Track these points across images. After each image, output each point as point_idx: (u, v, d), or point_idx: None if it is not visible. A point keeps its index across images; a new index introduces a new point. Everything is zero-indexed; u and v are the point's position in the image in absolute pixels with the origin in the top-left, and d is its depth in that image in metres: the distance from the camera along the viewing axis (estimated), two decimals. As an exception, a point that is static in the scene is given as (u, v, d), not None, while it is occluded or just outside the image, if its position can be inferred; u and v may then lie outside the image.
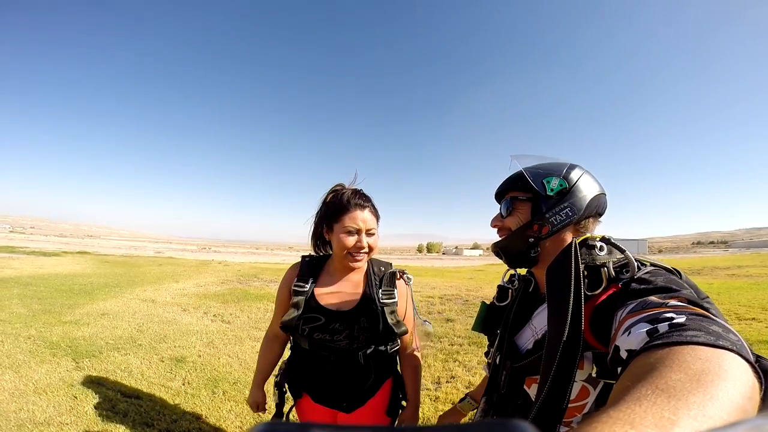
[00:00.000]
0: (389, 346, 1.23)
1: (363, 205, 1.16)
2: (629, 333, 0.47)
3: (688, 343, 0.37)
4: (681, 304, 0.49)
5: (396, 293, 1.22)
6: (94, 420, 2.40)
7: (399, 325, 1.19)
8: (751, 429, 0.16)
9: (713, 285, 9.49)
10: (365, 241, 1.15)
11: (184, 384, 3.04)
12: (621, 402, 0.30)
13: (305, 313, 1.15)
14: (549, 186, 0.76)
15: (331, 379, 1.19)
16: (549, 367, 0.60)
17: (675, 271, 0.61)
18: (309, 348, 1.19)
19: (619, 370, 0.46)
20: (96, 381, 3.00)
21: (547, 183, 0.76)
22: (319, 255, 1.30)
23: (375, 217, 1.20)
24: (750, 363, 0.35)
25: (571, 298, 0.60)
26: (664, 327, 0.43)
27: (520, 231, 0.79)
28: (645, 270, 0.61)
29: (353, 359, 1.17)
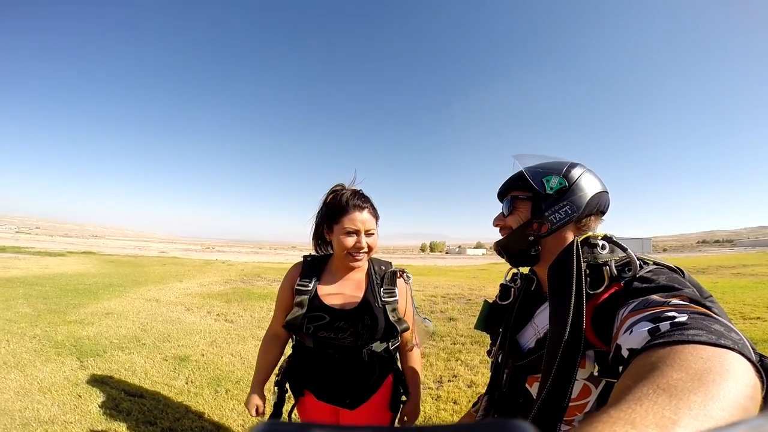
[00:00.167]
0: (391, 342, 1.26)
1: (362, 207, 1.18)
2: (631, 332, 0.46)
3: (689, 342, 0.37)
4: (683, 302, 0.48)
5: (397, 291, 1.26)
6: (97, 418, 2.42)
7: (400, 323, 1.23)
8: (752, 429, 0.16)
9: (718, 284, 9.42)
10: (364, 242, 1.18)
11: (187, 383, 3.06)
12: (622, 401, 0.29)
13: (310, 312, 1.18)
14: (548, 184, 0.76)
15: (336, 376, 1.21)
16: (550, 366, 0.60)
17: (678, 270, 0.61)
18: (313, 346, 1.21)
19: (621, 368, 0.45)
20: (100, 380, 3.03)
21: (547, 182, 0.76)
22: (321, 254, 1.33)
23: (374, 218, 1.22)
24: (752, 362, 0.35)
25: (573, 296, 0.60)
26: (665, 326, 0.42)
27: (520, 229, 0.79)
28: (647, 269, 0.61)
29: (357, 356, 1.20)
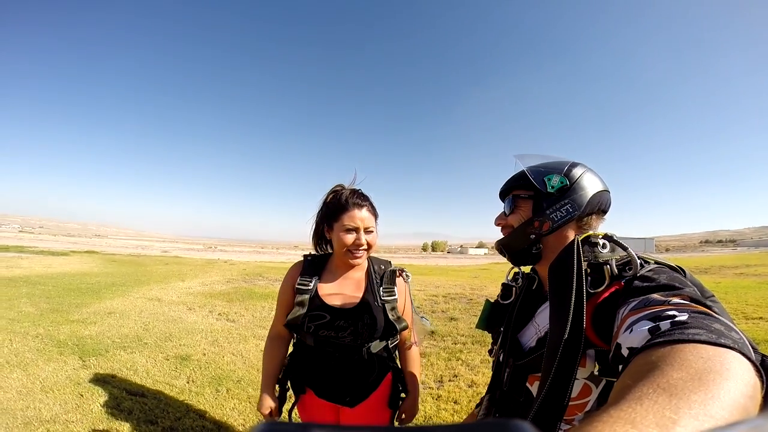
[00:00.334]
0: (390, 341, 1.28)
1: (361, 204, 1.20)
2: (631, 331, 0.46)
3: (689, 341, 0.37)
4: (683, 302, 0.48)
5: (396, 290, 1.27)
6: (99, 417, 2.43)
7: (399, 321, 1.25)
8: (752, 429, 0.16)
9: (721, 284, 9.39)
10: (364, 239, 1.19)
11: (188, 382, 3.07)
12: (622, 401, 0.29)
13: (310, 311, 1.19)
14: (550, 183, 0.76)
15: (336, 375, 1.22)
16: (550, 365, 0.60)
17: (679, 269, 0.61)
18: (314, 345, 1.22)
19: (621, 368, 0.45)
20: (102, 379, 3.04)
21: (548, 180, 0.76)
22: (321, 254, 1.34)
23: (373, 216, 1.24)
24: (752, 362, 0.35)
25: (573, 295, 0.60)
26: (666, 325, 0.42)
27: (521, 228, 0.79)
28: (648, 267, 0.60)
29: (358, 355, 1.21)
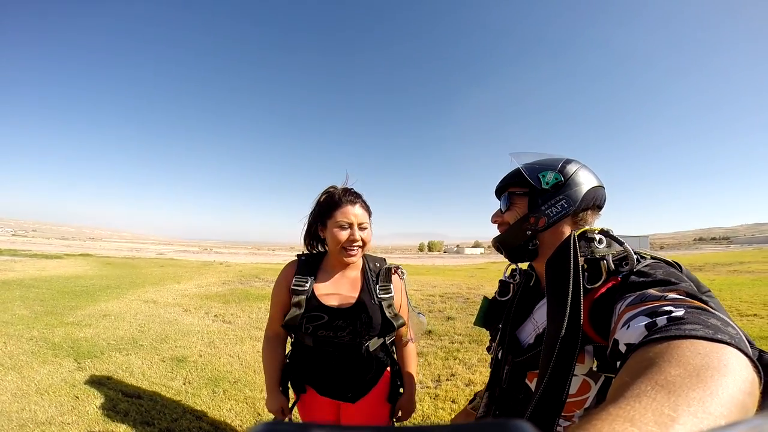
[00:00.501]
0: (387, 338, 1.30)
1: (354, 201, 1.20)
2: (628, 326, 0.46)
3: (686, 337, 0.37)
4: (680, 297, 0.48)
5: (392, 288, 1.28)
6: (95, 419, 2.41)
7: (397, 318, 1.26)
8: (752, 429, 0.16)
9: (715, 281, 9.48)
10: (358, 235, 1.19)
11: (184, 383, 3.05)
12: (621, 398, 0.29)
13: (308, 312, 1.18)
14: (544, 180, 0.76)
15: (336, 373, 1.23)
16: (548, 361, 0.60)
17: (675, 265, 0.61)
18: (313, 345, 1.22)
19: (619, 364, 0.45)
20: (97, 381, 3.01)
21: (543, 177, 0.76)
22: (315, 253, 1.33)
23: (366, 212, 1.24)
24: (749, 357, 0.34)
25: (570, 291, 0.60)
26: (662, 320, 0.42)
27: (517, 224, 0.79)
28: (644, 263, 0.61)
29: (357, 353, 1.22)
